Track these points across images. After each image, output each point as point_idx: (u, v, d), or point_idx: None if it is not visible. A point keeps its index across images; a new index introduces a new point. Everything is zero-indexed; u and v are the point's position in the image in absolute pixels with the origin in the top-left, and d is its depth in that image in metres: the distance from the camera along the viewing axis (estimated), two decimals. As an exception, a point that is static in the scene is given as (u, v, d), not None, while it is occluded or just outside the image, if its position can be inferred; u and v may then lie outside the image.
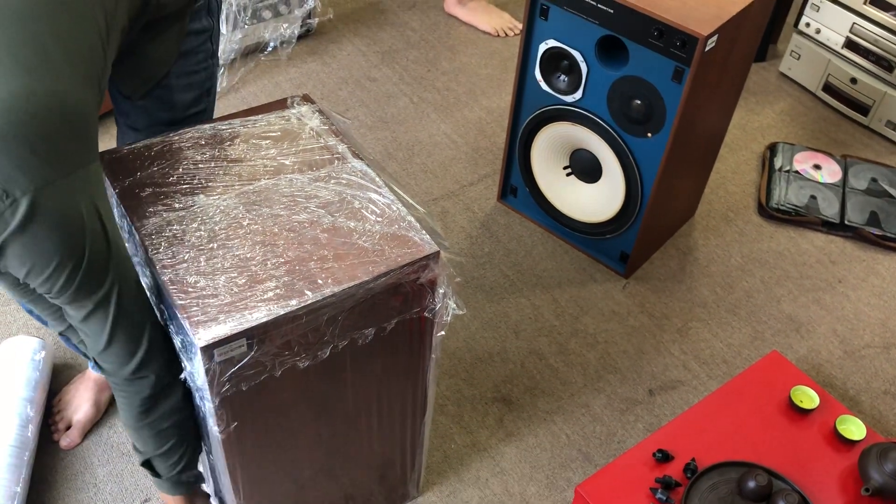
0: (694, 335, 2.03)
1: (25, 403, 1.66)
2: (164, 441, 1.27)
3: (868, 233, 2.28)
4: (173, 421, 1.25)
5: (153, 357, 1.17)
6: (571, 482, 1.73)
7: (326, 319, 1.13)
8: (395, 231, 1.20)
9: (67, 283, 1.02)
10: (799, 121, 2.70)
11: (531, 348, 1.97)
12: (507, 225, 2.28)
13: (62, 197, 0.98)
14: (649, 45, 1.74)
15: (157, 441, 1.27)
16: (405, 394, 1.39)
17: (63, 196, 0.98)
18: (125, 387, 1.19)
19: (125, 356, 1.14)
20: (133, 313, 1.12)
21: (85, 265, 1.03)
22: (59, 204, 0.97)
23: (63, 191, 0.98)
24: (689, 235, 2.29)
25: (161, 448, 1.28)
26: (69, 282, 1.02)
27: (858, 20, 2.56)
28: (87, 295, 1.06)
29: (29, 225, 0.95)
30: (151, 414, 1.22)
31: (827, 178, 2.42)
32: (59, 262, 1.00)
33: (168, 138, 1.32)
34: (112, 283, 1.07)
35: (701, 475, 1.48)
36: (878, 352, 2.03)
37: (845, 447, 1.56)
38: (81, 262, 1.02)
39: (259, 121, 1.36)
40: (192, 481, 1.37)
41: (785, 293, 2.15)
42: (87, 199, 1.02)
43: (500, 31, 2.96)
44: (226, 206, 1.21)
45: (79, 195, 1.00)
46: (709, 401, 1.63)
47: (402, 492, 1.63)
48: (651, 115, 1.83)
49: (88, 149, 1.03)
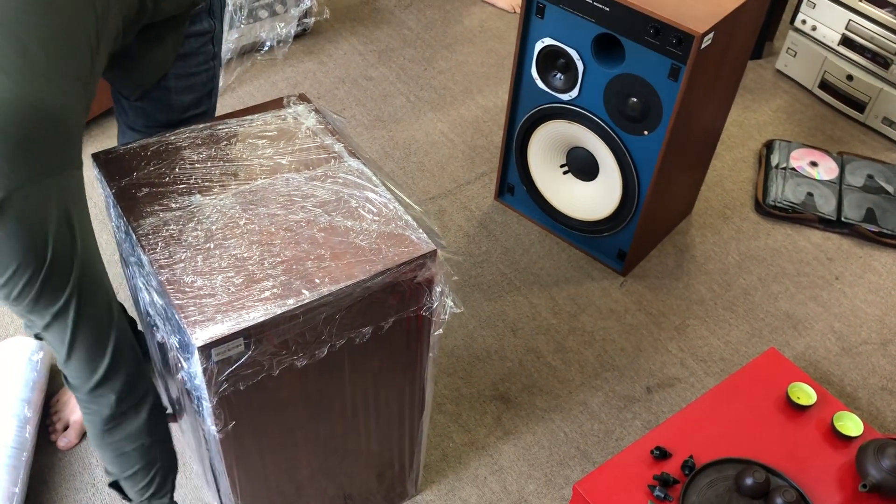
0: (691, 332, 2.04)
1: (23, 404, 1.66)
2: (128, 464, 1.25)
3: (865, 229, 2.29)
4: (139, 445, 1.23)
5: (115, 376, 1.14)
6: (570, 480, 1.74)
7: (324, 318, 1.13)
8: (392, 230, 1.20)
9: (25, 290, 1.00)
10: (795, 118, 2.70)
11: (529, 346, 1.97)
12: (504, 223, 2.28)
13: (31, 202, 0.96)
14: (645, 42, 1.74)
15: (122, 464, 1.25)
16: (403, 392, 1.39)
17: (32, 201, 0.96)
18: (88, 403, 1.17)
19: (86, 371, 1.12)
20: (95, 328, 1.09)
21: (44, 274, 1.00)
22: (26, 208, 0.95)
23: (34, 196, 0.96)
24: (687, 233, 2.29)
25: (126, 471, 1.26)
26: (27, 289, 1.00)
27: (854, 17, 2.56)
28: (45, 305, 1.03)
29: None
30: (114, 434, 1.21)
31: (823, 175, 2.42)
32: (16, 268, 0.98)
33: (164, 138, 1.31)
34: (71, 296, 1.04)
35: (699, 472, 1.48)
36: (875, 348, 2.03)
37: (842, 443, 1.56)
38: (40, 271, 0.99)
39: (255, 120, 1.36)
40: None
41: (782, 290, 2.15)
42: (59, 206, 0.99)
43: (515, 8, 3.07)
44: (222, 205, 1.21)
45: (50, 202, 0.98)
46: (706, 398, 1.63)
47: (400, 490, 1.64)
48: (647, 112, 1.83)
49: (68, 155, 1.01)
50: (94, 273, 1.08)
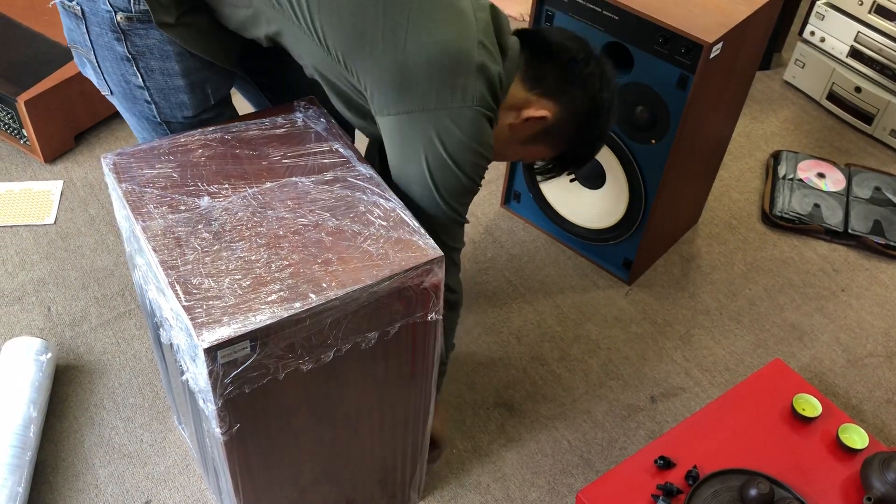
0: (696, 342, 2.03)
1: (29, 404, 1.67)
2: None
3: (871, 241, 2.28)
4: None
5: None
6: (573, 488, 1.73)
7: (330, 323, 1.13)
8: (399, 235, 1.20)
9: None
10: (803, 129, 2.70)
11: (533, 354, 1.97)
12: (510, 230, 2.28)
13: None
14: (654, 51, 1.75)
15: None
16: (408, 398, 1.39)
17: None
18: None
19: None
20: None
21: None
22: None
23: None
24: (693, 242, 2.29)
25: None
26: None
27: (863, 29, 2.56)
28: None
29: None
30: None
31: (831, 186, 2.42)
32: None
33: (175, 140, 1.32)
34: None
35: (702, 482, 1.47)
36: (881, 361, 2.03)
37: (848, 456, 1.56)
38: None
39: (265, 123, 1.36)
40: None
41: (788, 301, 2.15)
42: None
43: (525, 16, 3.04)
44: (231, 208, 1.22)
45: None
46: (711, 408, 1.62)
47: (403, 496, 1.63)
48: (655, 121, 1.83)
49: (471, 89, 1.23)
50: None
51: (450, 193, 1.28)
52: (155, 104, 1.37)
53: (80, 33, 1.31)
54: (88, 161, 2.37)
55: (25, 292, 2.01)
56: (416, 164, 1.25)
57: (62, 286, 2.03)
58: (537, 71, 1.34)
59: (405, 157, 1.26)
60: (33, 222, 2.18)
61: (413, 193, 1.29)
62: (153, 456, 1.72)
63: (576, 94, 1.35)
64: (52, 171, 2.33)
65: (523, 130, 1.37)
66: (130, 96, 1.36)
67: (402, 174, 1.28)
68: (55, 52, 2.34)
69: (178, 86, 1.34)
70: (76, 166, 2.35)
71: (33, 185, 2.28)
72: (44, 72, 2.28)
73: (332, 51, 1.23)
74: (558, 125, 1.37)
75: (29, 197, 2.25)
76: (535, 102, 1.34)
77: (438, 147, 1.23)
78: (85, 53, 1.34)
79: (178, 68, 1.32)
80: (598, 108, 1.38)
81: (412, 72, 1.20)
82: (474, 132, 1.24)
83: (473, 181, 1.29)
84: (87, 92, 2.35)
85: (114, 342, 1.92)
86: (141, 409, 1.80)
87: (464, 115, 1.22)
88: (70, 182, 2.30)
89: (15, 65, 2.30)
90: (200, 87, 1.37)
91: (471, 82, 1.22)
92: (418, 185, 1.27)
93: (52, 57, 2.32)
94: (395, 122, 1.24)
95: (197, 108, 1.39)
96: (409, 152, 1.25)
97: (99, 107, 2.43)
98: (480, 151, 1.26)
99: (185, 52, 1.31)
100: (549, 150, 1.44)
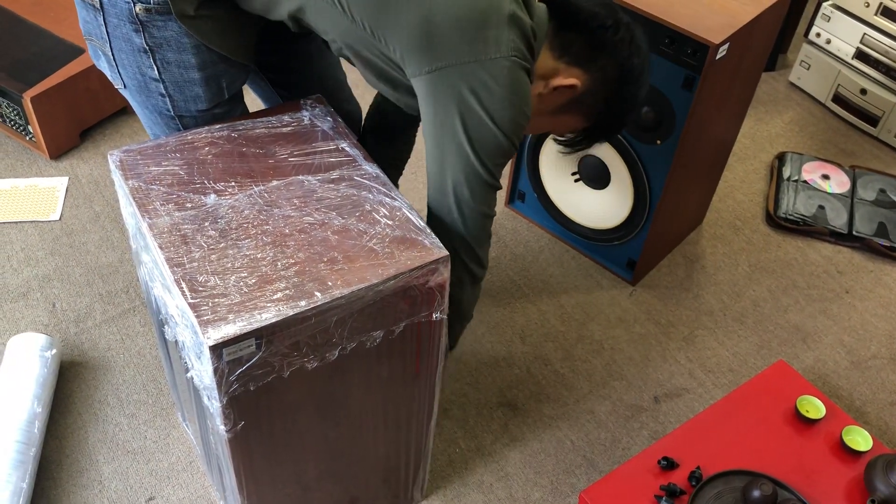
0: (700, 343, 2.03)
1: (33, 400, 1.67)
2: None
3: (876, 243, 2.28)
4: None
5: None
6: (576, 488, 1.73)
7: (335, 321, 1.14)
8: (405, 234, 1.21)
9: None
10: (808, 131, 2.69)
11: (537, 354, 1.97)
12: (514, 230, 2.28)
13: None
14: (660, 52, 1.74)
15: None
16: (412, 397, 1.39)
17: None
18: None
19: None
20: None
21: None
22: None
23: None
24: (697, 243, 2.29)
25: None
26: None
27: (869, 31, 2.56)
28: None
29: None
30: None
31: (835, 188, 2.42)
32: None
33: (182, 137, 1.32)
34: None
35: (706, 483, 1.47)
36: (884, 363, 2.02)
37: (851, 458, 1.56)
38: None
39: (272, 121, 1.37)
40: None
41: (792, 303, 2.15)
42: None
43: None
44: (237, 205, 1.22)
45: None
46: (714, 409, 1.62)
47: (406, 495, 1.63)
48: (661, 122, 1.83)
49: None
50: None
51: (486, 152, 1.22)
52: (169, 97, 1.36)
53: (97, 25, 1.31)
54: (94, 158, 2.37)
55: (30, 288, 2.01)
56: (451, 125, 1.20)
57: (67, 283, 2.03)
58: (565, 39, 1.29)
59: (439, 119, 1.21)
60: (38, 219, 2.19)
61: (447, 160, 1.23)
62: (157, 453, 1.73)
63: (605, 61, 1.30)
64: (57, 168, 2.33)
65: (553, 100, 1.33)
66: (145, 89, 1.36)
67: (436, 137, 1.23)
68: (61, 48, 2.34)
69: (193, 79, 1.34)
70: (81, 163, 2.35)
71: (39, 182, 2.29)
72: (50, 69, 2.28)
73: (357, 19, 1.21)
74: (588, 94, 1.33)
75: (34, 193, 2.25)
76: (564, 71, 1.30)
77: (473, 102, 1.18)
78: (100, 45, 1.34)
79: (195, 61, 1.32)
80: (628, 76, 1.33)
81: (440, 27, 1.16)
82: (511, 83, 1.19)
83: (511, 140, 1.22)
84: (92, 89, 2.35)
85: (118, 339, 1.92)
86: (145, 405, 1.80)
87: (499, 66, 1.17)
88: (75, 179, 2.31)
89: (21, 61, 2.30)
90: (216, 81, 1.37)
91: (503, 33, 1.17)
92: (453, 148, 1.22)
93: (59, 54, 2.33)
94: (427, 82, 1.20)
95: (211, 102, 1.38)
96: (442, 112, 1.20)
97: (104, 104, 2.43)
98: (518, 105, 1.21)
99: (201, 45, 1.31)
100: (580, 120, 1.39)
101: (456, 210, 1.27)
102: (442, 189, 1.27)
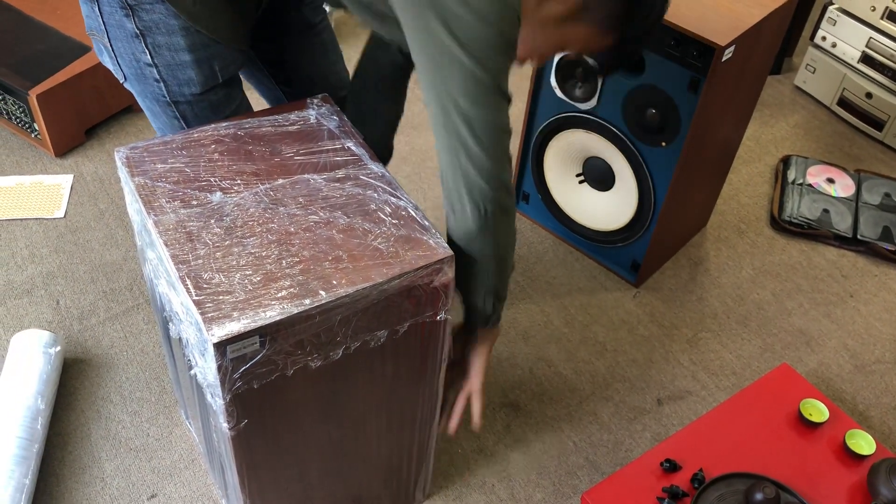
0: (704, 346, 2.03)
1: (36, 396, 1.67)
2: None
3: (881, 248, 2.28)
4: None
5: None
6: (578, 490, 1.73)
7: (339, 320, 1.14)
8: (409, 234, 1.21)
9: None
10: (813, 134, 2.69)
11: (540, 355, 1.97)
12: (518, 231, 2.28)
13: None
14: (666, 54, 1.74)
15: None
16: (415, 397, 1.39)
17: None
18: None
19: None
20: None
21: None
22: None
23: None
24: (701, 246, 2.29)
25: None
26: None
27: (875, 35, 2.55)
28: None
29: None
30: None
31: (840, 192, 2.41)
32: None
33: (188, 135, 1.32)
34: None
35: (708, 486, 1.47)
36: (888, 367, 2.02)
37: (854, 462, 1.55)
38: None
39: (278, 120, 1.37)
40: None
41: (796, 306, 2.15)
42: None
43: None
44: (243, 203, 1.22)
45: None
46: (718, 412, 1.62)
47: (408, 495, 1.63)
48: (666, 124, 1.83)
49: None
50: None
51: (478, 48, 1.10)
52: (164, 82, 1.36)
53: (95, 16, 1.32)
54: (99, 155, 2.38)
55: (34, 285, 2.02)
56: (435, 32, 1.09)
57: (71, 280, 2.04)
58: None
59: (421, 35, 1.12)
60: (43, 216, 2.19)
61: (442, 76, 1.13)
62: (159, 450, 1.73)
63: None
64: (62, 165, 2.34)
65: (555, 5, 1.20)
66: (141, 76, 1.36)
67: (425, 53, 1.14)
68: (67, 46, 2.35)
69: (184, 61, 1.33)
70: (86, 160, 2.36)
71: (44, 179, 2.29)
72: (55, 66, 2.29)
73: None
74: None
75: (39, 190, 2.26)
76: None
77: (450, 2, 1.08)
78: (100, 38, 1.35)
79: (184, 43, 1.32)
80: None
81: None
82: None
83: (501, 30, 1.10)
84: (98, 87, 2.36)
85: (122, 336, 1.92)
86: (148, 403, 1.81)
87: None
88: (80, 176, 2.31)
89: (27, 59, 2.31)
90: (207, 63, 1.36)
91: None
92: (445, 60, 1.12)
93: (64, 51, 2.33)
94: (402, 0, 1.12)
95: (204, 86, 1.37)
96: (423, 22, 1.10)
97: (110, 101, 2.43)
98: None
99: (190, 26, 1.30)
100: (593, 31, 1.22)
101: (465, 128, 1.15)
102: (446, 113, 1.16)
